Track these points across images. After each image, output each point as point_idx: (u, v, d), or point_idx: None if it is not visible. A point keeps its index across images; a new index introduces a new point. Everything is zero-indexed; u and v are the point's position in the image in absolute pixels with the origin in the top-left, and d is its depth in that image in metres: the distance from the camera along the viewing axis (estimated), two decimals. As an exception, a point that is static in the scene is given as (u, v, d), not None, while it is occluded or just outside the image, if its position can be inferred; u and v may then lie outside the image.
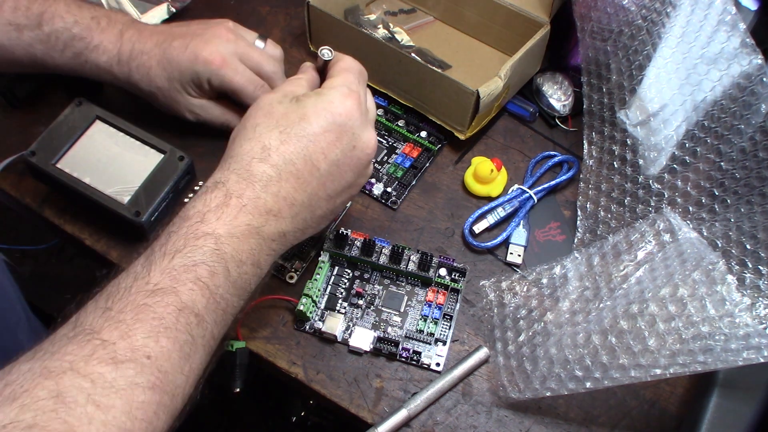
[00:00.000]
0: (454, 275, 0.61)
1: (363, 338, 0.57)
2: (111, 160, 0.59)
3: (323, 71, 0.53)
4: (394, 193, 0.66)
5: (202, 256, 0.41)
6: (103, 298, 0.39)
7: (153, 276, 0.40)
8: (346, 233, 0.61)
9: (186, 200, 0.62)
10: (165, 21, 0.74)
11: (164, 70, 0.59)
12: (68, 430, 0.32)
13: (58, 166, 0.58)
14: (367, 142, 0.49)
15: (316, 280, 0.59)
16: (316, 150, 0.47)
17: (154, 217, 0.58)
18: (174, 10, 0.74)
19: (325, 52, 0.53)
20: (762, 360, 0.47)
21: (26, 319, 0.72)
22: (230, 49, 0.60)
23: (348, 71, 0.51)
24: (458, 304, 0.60)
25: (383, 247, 0.61)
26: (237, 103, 0.63)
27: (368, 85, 0.71)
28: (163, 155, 0.59)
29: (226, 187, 0.44)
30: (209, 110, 0.63)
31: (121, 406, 0.34)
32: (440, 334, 0.58)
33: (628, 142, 0.62)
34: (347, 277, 0.61)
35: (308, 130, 0.47)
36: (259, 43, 0.64)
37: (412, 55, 0.69)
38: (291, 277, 0.60)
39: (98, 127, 0.60)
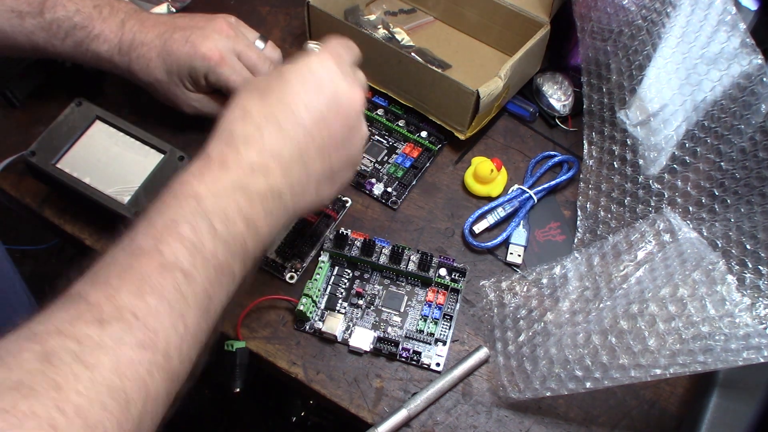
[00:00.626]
0: (454, 275, 0.61)
1: (363, 338, 0.57)
2: (111, 160, 0.59)
3: None
4: (395, 193, 0.66)
5: (183, 215, 0.40)
6: (92, 269, 0.39)
7: (136, 240, 0.39)
8: (346, 233, 0.61)
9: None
10: (165, 21, 0.74)
11: (164, 62, 0.59)
12: (55, 387, 0.32)
13: (58, 166, 0.58)
14: (351, 94, 0.48)
15: (316, 280, 0.59)
16: (297, 103, 0.46)
17: (154, 217, 0.58)
18: (174, 9, 0.74)
19: (311, 46, 0.52)
20: (762, 360, 0.47)
21: (28, 301, 0.72)
22: (229, 46, 0.60)
23: (331, 42, 0.50)
24: (458, 304, 0.60)
25: (383, 247, 0.61)
26: None
27: (369, 86, 0.71)
28: (163, 155, 0.59)
29: (207, 153, 0.44)
30: (207, 104, 0.63)
31: (108, 364, 0.34)
32: (440, 334, 0.58)
33: (628, 142, 0.62)
34: (347, 277, 0.61)
35: (287, 89, 0.46)
36: (260, 44, 0.64)
37: (412, 55, 0.69)
38: (291, 277, 0.60)
39: (98, 127, 0.60)
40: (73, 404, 0.32)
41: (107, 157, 0.59)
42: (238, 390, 0.56)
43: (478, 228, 0.64)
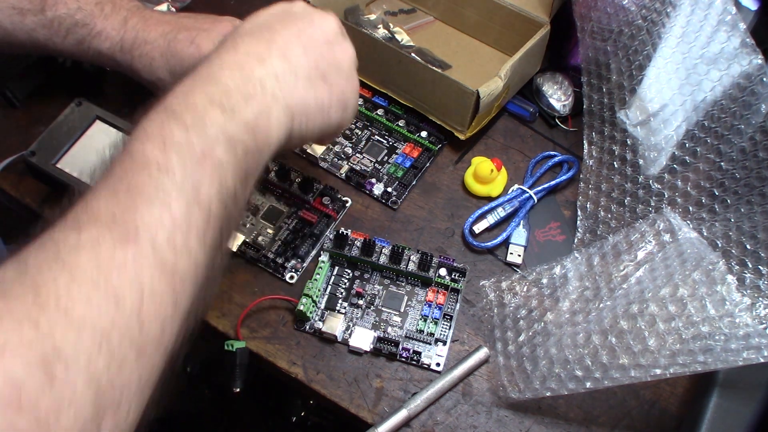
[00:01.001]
0: (454, 275, 0.61)
1: (363, 338, 0.57)
2: (111, 160, 0.59)
3: None
4: (395, 193, 0.66)
5: (149, 119, 0.39)
6: None
7: (111, 162, 0.39)
8: (346, 233, 0.61)
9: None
10: (165, 21, 0.74)
11: (167, 62, 0.59)
12: (32, 287, 0.31)
13: (58, 166, 0.58)
14: (325, 17, 0.49)
15: (316, 280, 0.59)
16: (273, 22, 0.46)
17: (154, 217, 0.58)
18: (174, 10, 0.74)
19: None
20: (762, 360, 0.47)
21: None
22: None
23: None
24: (458, 304, 0.60)
25: (383, 247, 0.61)
26: None
27: (369, 86, 0.71)
28: (163, 155, 0.59)
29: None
30: None
31: (88, 262, 0.33)
32: (440, 334, 0.58)
33: (628, 142, 0.62)
34: (347, 277, 0.61)
35: (260, 18, 0.47)
36: None
37: (412, 55, 0.69)
38: (291, 278, 0.61)
39: (98, 127, 0.60)
40: (53, 301, 0.31)
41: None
42: (238, 390, 0.56)
43: (478, 228, 0.64)
